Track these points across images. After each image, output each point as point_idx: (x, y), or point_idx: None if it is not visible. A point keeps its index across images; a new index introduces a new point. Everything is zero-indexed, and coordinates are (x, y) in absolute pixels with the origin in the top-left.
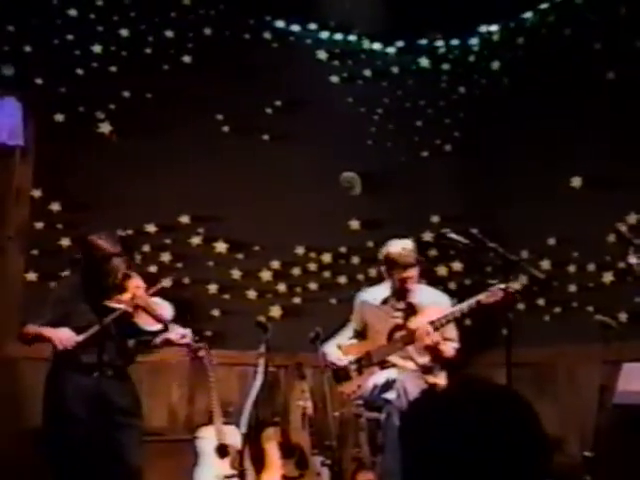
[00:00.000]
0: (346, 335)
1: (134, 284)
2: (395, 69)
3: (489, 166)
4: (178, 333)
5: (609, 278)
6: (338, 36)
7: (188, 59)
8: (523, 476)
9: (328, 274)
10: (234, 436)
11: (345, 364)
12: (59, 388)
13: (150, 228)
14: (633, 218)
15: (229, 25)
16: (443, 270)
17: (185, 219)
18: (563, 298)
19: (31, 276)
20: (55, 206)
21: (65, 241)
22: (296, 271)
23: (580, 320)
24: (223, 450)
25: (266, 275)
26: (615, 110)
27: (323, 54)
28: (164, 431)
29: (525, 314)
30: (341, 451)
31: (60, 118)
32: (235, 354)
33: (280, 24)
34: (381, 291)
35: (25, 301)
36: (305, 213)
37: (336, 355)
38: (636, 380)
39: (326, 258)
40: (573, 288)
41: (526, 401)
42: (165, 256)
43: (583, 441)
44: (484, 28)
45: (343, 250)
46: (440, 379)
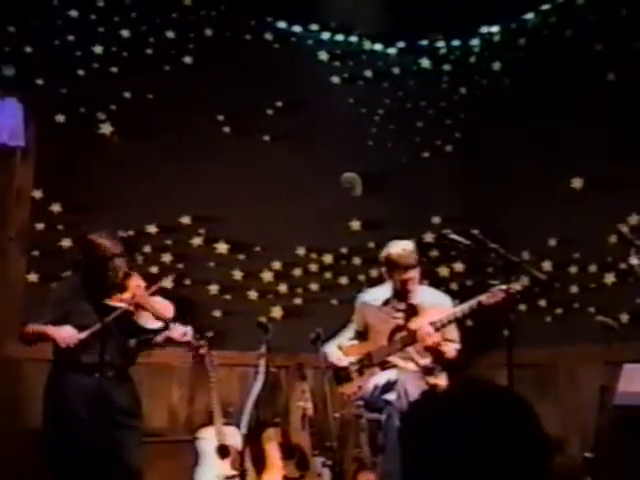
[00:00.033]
0: (347, 336)
1: (134, 283)
2: (396, 70)
3: (490, 167)
4: (179, 331)
5: (610, 279)
6: (339, 37)
7: (189, 60)
8: (524, 477)
9: (329, 275)
10: (234, 437)
11: (346, 365)
12: (60, 388)
13: (151, 229)
14: (634, 219)
15: (230, 26)
16: (444, 271)
17: (186, 220)
18: (564, 299)
19: (32, 277)
20: (56, 207)
21: (66, 242)
22: (297, 272)
23: (581, 321)
24: (224, 451)
25: (267, 276)
26: (616, 111)
27: (324, 55)
28: (164, 432)
29: (526, 315)
30: (342, 452)
31: (61, 119)
32: (236, 355)
33: (281, 25)
34: (382, 292)
35: (26, 302)
36: (306, 214)
37: (337, 356)
38: (637, 381)
39: (327, 259)
40: (574, 289)
41: (527, 402)
42: (166, 257)
43: (584, 442)
44: (485, 29)
45: (344, 251)
46: (441, 380)
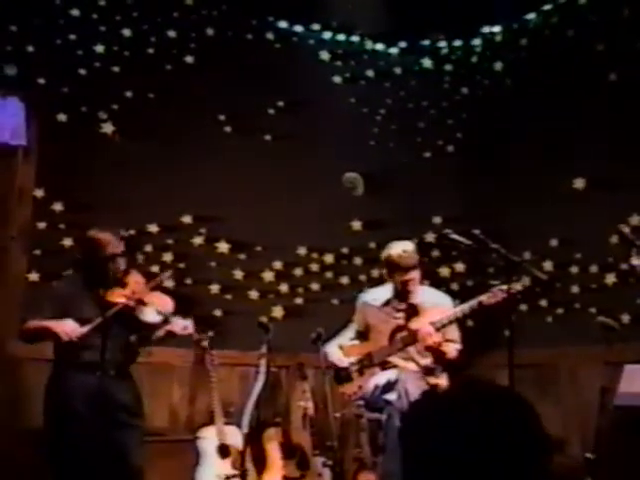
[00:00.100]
0: (348, 336)
1: (134, 279)
2: (398, 70)
3: (491, 167)
4: (180, 325)
5: (612, 279)
6: (341, 37)
7: (190, 59)
8: (525, 477)
9: (330, 275)
10: (235, 436)
11: (346, 365)
12: (61, 388)
13: (152, 228)
14: (636, 219)
15: (232, 25)
16: (445, 271)
17: (187, 219)
18: (565, 299)
19: (33, 276)
20: (57, 206)
21: (67, 241)
22: (298, 271)
23: (582, 321)
24: (224, 450)
25: (268, 275)
26: (617, 111)
27: (326, 54)
28: (165, 431)
29: (527, 315)
30: (342, 452)
31: (63, 118)
32: (237, 354)
33: (283, 24)
34: (383, 292)
35: (27, 301)
36: (307, 213)
37: (337, 356)
38: (638, 382)
39: (328, 259)
40: (575, 289)
41: (528, 402)
42: (167, 256)
43: (585, 442)
44: (487, 29)
45: (345, 251)
46: (442, 380)
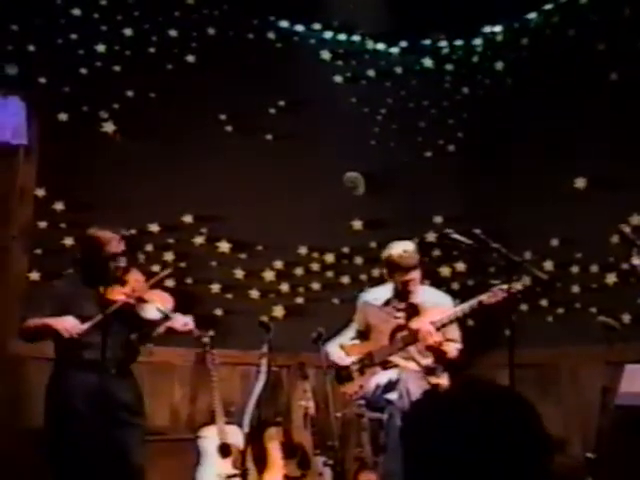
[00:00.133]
0: (348, 335)
1: (134, 277)
2: (399, 69)
3: (492, 166)
4: (180, 321)
5: (612, 279)
6: (342, 36)
7: (192, 59)
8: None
9: (331, 274)
10: (236, 436)
11: (347, 364)
12: (62, 387)
13: (153, 228)
14: (636, 219)
15: (233, 25)
16: (446, 271)
17: (188, 219)
18: (566, 299)
19: (34, 275)
20: (59, 205)
21: (69, 240)
22: (299, 271)
23: (583, 321)
24: (225, 450)
25: (269, 275)
26: (619, 111)
27: (327, 54)
28: (166, 430)
29: (528, 315)
30: (343, 451)
31: (64, 117)
32: (238, 354)
33: (284, 24)
34: (384, 292)
35: (28, 300)
36: (308, 213)
37: (338, 355)
38: (639, 381)
39: (329, 258)
40: (576, 289)
41: (529, 402)
42: (168, 255)
43: (585, 442)
44: (488, 29)
45: (346, 250)
46: (442, 380)
